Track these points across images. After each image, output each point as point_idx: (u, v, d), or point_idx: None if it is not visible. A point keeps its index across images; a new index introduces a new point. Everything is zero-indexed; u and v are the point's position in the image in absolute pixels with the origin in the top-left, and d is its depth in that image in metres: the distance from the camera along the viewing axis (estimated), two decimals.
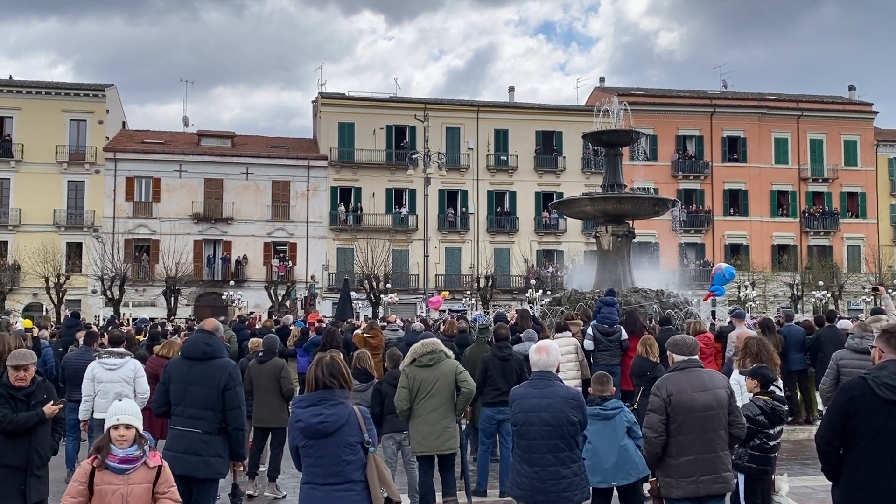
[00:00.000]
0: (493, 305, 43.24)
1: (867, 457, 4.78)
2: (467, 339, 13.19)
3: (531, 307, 29.39)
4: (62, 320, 30.07)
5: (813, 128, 59.00)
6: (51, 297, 43.46)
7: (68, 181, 50.64)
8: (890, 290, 20.67)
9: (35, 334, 19.20)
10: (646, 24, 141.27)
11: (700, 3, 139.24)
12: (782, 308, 24.57)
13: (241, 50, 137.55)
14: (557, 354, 6.63)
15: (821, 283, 50.14)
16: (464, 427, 10.27)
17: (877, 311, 14.99)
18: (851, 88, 63.41)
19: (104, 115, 51.71)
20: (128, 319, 30.76)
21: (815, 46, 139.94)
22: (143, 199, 51.21)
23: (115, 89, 54.86)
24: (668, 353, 6.28)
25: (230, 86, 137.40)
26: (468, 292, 49.65)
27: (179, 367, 7.45)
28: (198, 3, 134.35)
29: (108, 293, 43.08)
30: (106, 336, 12.26)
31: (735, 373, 8.32)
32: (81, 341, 12.44)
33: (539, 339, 10.96)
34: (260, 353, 10.83)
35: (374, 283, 45.37)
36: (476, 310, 40.97)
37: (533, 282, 46.95)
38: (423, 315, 32.33)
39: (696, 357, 6.19)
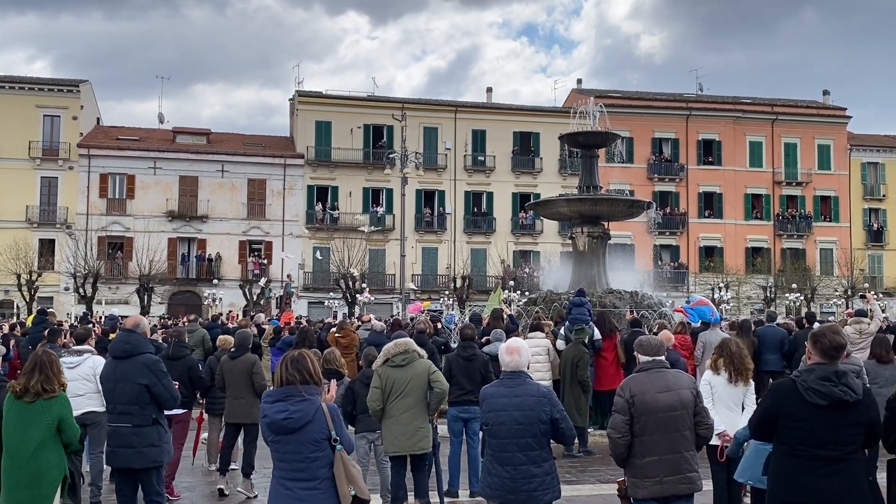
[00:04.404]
0: (470, 306, 43.25)
1: (794, 456, 4.94)
2: (423, 339, 13.33)
3: (508, 307, 29.42)
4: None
5: (787, 132, 59.50)
6: (22, 295, 43.00)
7: (41, 177, 50.14)
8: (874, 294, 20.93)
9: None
10: (627, 27, 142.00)
11: (681, 7, 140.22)
12: (766, 310, 24.76)
13: (223, 47, 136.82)
14: (528, 355, 6.62)
15: (794, 285, 50.55)
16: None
17: (860, 313, 15.16)
18: (826, 93, 64.02)
19: (78, 110, 51.26)
20: (99, 317, 30.50)
21: (792, 51, 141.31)
22: (116, 196, 50.80)
23: (90, 85, 54.41)
24: (635, 353, 6.30)
25: (210, 83, 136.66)
26: (445, 292, 49.63)
27: (108, 367, 8.05)
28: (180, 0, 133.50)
29: (81, 290, 42.71)
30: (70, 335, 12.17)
31: (707, 374, 8.34)
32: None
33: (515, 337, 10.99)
34: (232, 349, 10.80)
35: (350, 283, 45.27)
36: (452, 310, 40.98)
37: (511, 283, 47.01)
38: (399, 315, 32.27)
39: (662, 358, 6.20)
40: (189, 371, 10.34)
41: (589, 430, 13.90)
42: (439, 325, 19.41)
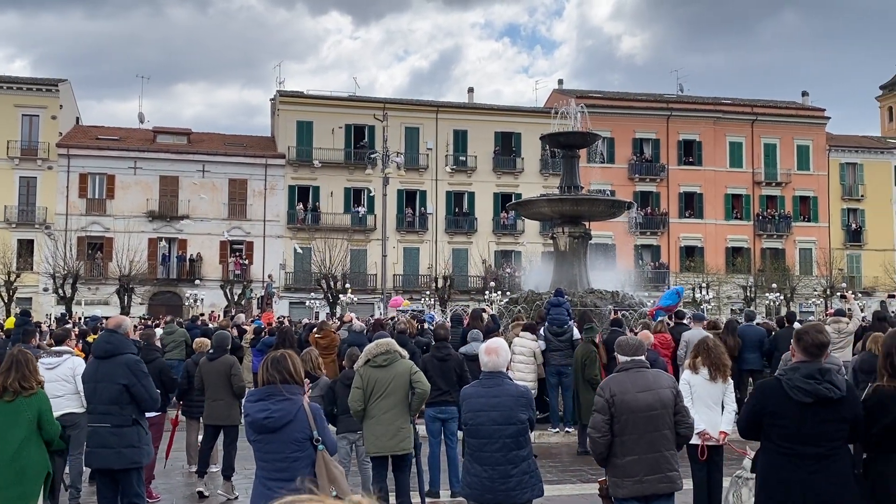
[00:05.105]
0: (451, 306, 43.26)
1: (781, 453, 5.01)
2: (405, 339, 13.34)
3: (490, 306, 29.49)
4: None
5: (767, 132, 59.85)
6: (0, 296, 42.60)
7: (20, 177, 49.68)
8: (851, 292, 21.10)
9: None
10: (609, 28, 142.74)
11: (663, 8, 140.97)
12: (745, 310, 24.95)
13: (205, 47, 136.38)
14: (507, 356, 6.63)
15: (774, 285, 50.85)
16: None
17: (839, 313, 15.30)
18: (805, 94, 64.45)
19: (57, 110, 50.82)
20: (78, 318, 30.28)
21: (772, 52, 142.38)
22: (96, 196, 50.39)
23: (69, 84, 53.97)
24: (615, 353, 6.32)
25: (191, 83, 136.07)
26: (426, 293, 49.61)
27: (89, 367, 8.07)
28: None
29: (60, 291, 42.37)
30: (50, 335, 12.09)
31: (686, 373, 8.39)
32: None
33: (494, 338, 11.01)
34: (210, 351, 10.74)
35: (332, 283, 45.19)
36: (433, 310, 41.00)
37: (492, 283, 47.10)
38: (381, 315, 32.25)
39: (642, 358, 6.23)
40: (160, 374, 10.22)
41: (569, 429, 13.95)
42: (424, 325, 19.38)
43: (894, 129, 68.75)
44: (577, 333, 14.01)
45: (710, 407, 8.07)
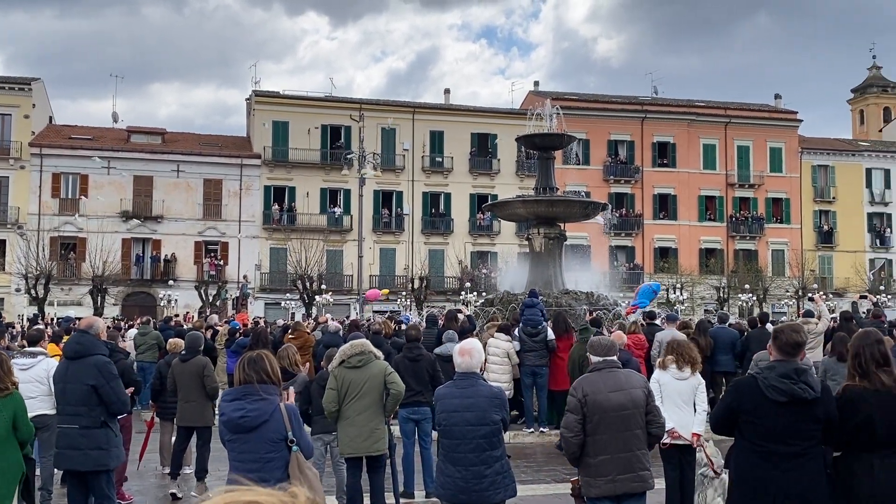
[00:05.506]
0: (427, 306, 43.26)
1: (755, 451, 5.07)
2: (380, 340, 13.35)
3: (466, 307, 29.53)
4: None
5: (740, 135, 60.32)
6: None
7: None
8: (821, 294, 21.34)
9: None
10: (585, 30, 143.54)
11: (639, 11, 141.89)
12: (718, 312, 25.16)
13: (180, 46, 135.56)
14: (480, 357, 6.66)
15: (746, 286, 51.28)
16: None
17: (808, 314, 15.48)
18: (777, 97, 65.06)
19: (30, 109, 50.33)
20: (50, 319, 30.00)
21: (745, 55, 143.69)
22: (69, 196, 49.89)
23: (42, 83, 53.45)
24: (588, 354, 6.38)
25: (166, 82, 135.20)
26: (403, 293, 49.58)
27: (60, 368, 8.04)
28: None
29: (33, 292, 41.96)
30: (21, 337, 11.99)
31: (656, 372, 8.47)
32: None
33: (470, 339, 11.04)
34: (182, 352, 10.69)
35: (308, 284, 45.05)
36: (409, 311, 40.99)
37: (468, 284, 47.13)
38: (357, 315, 32.20)
39: (614, 358, 6.28)
40: (122, 375, 10.12)
41: (543, 429, 14.03)
42: (402, 326, 19.36)
43: (865, 131, 69.56)
44: (551, 334, 14.07)
45: (680, 406, 8.14)
